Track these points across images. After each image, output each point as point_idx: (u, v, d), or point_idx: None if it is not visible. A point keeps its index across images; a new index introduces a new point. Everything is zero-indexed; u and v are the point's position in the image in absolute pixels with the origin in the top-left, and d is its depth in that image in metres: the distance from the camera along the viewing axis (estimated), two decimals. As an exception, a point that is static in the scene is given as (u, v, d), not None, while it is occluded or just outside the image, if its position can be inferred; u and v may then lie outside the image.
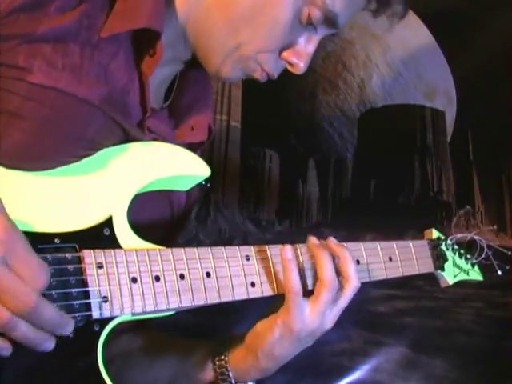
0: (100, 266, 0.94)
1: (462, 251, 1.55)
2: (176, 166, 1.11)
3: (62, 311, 0.86)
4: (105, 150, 1.04)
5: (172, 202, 1.28)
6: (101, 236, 0.98)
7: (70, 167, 1.00)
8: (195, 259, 1.03)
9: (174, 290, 1.00)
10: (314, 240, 1.16)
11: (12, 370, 0.85)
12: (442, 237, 1.53)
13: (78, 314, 0.91)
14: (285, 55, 1.18)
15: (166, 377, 1.24)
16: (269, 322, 1.12)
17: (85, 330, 0.92)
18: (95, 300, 0.92)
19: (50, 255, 0.90)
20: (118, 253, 0.96)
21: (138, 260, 0.97)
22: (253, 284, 1.11)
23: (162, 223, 1.25)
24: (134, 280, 0.96)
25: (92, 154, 1.03)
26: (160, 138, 1.16)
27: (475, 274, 1.59)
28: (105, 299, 0.93)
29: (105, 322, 0.95)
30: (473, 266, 1.58)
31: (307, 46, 1.18)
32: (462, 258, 1.55)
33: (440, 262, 1.48)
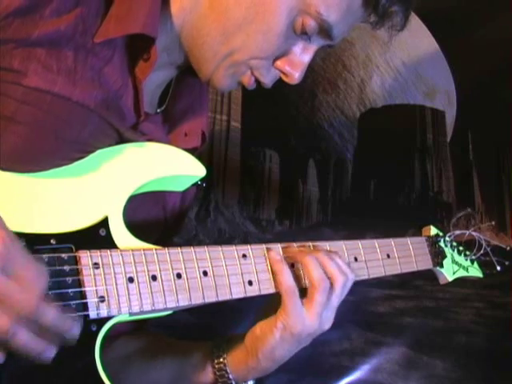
0: (96, 267, 0.93)
1: (460, 248, 1.54)
2: (172, 167, 1.10)
3: (67, 314, 0.85)
4: (100, 151, 1.04)
5: (165, 203, 1.28)
6: (97, 236, 0.97)
7: (65, 168, 1.00)
8: (192, 258, 1.03)
9: (171, 289, 1.00)
10: (293, 248, 1.16)
11: (9, 371, 0.85)
12: (441, 233, 1.53)
13: (75, 314, 0.91)
14: (278, 64, 1.16)
15: (165, 379, 1.24)
16: (268, 325, 1.12)
17: (82, 330, 0.91)
18: (92, 300, 0.92)
19: (45, 256, 0.89)
20: (114, 253, 0.96)
21: (134, 260, 0.97)
22: (250, 282, 1.10)
23: (156, 225, 1.25)
24: (130, 280, 0.96)
25: (86, 156, 1.03)
26: (154, 141, 1.15)
27: (475, 271, 1.58)
28: (102, 299, 0.93)
29: (102, 321, 0.94)
30: (472, 263, 1.57)
31: (302, 55, 1.16)
32: (460, 254, 1.54)
33: (439, 258, 1.48)
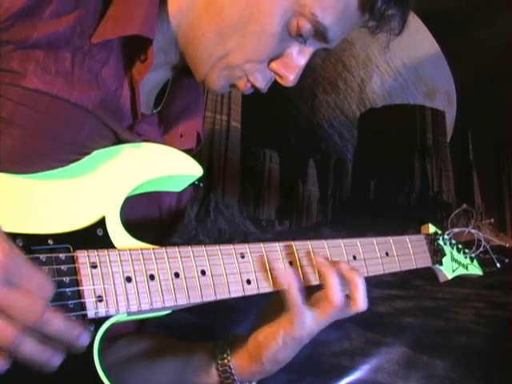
0: (94, 266, 0.93)
1: (459, 246, 1.54)
2: (168, 166, 1.10)
3: (75, 319, 0.85)
4: (97, 151, 1.04)
5: (161, 203, 1.28)
6: (94, 236, 0.97)
7: (62, 169, 1.00)
8: (189, 257, 1.03)
9: (169, 288, 1.00)
10: (321, 259, 1.16)
11: (7, 371, 0.84)
12: (439, 231, 1.53)
13: (73, 313, 0.90)
14: (273, 66, 1.15)
15: (167, 381, 1.23)
16: (271, 332, 1.13)
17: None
18: (90, 299, 0.92)
19: (43, 256, 0.89)
20: (111, 252, 0.96)
21: (131, 259, 0.97)
22: (248, 281, 1.10)
23: (152, 224, 1.25)
24: (128, 279, 0.96)
25: (82, 158, 1.03)
26: (150, 141, 1.15)
27: (474, 269, 1.57)
28: (99, 298, 0.93)
29: (100, 321, 0.94)
30: (472, 261, 1.56)
31: (298, 58, 1.15)
32: (460, 252, 1.53)
33: (438, 256, 1.47)
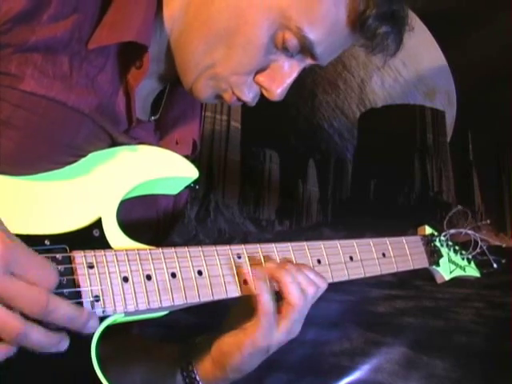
0: (91, 266, 0.94)
1: (456, 247, 1.55)
2: (164, 168, 1.11)
3: (80, 306, 0.85)
4: (93, 153, 1.05)
5: (158, 206, 1.28)
6: (90, 237, 0.98)
7: (58, 171, 1.01)
8: (186, 258, 1.04)
9: (166, 288, 1.00)
10: (270, 264, 1.13)
11: (4, 371, 0.85)
12: (436, 233, 1.53)
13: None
14: (260, 79, 1.13)
15: (140, 383, 1.24)
16: (235, 342, 1.11)
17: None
18: (87, 300, 0.92)
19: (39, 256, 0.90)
20: (108, 253, 0.96)
21: (128, 259, 0.97)
22: (245, 281, 1.11)
23: (149, 226, 1.26)
24: (125, 279, 0.96)
25: (78, 160, 1.03)
26: (145, 144, 1.16)
27: (472, 271, 1.58)
28: (96, 298, 0.93)
29: (97, 321, 0.95)
30: (469, 262, 1.57)
31: (285, 72, 1.13)
32: (457, 254, 1.54)
33: (435, 257, 1.48)
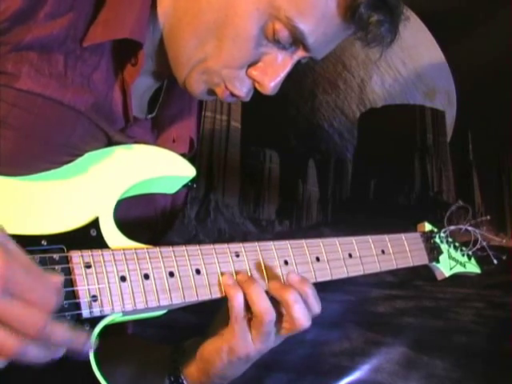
0: (88, 266, 0.94)
1: (456, 244, 1.54)
2: (161, 167, 1.11)
3: (78, 330, 0.84)
4: (89, 153, 1.05)
5: (156, 204, 1.27)
6: (88, 237, 0.98)
7: (55, 171, 1.01)
8: (184, 257, 1.03)
9: (163, 287, 1.00)
10: (241, 276, 1.10)
11: (2, 370, 0.84)
12: (435, 229, 1.53)
13: (68, 313, 0.91)
14: (252, 73, 1.12)
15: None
16: (215, 348, 1.11)
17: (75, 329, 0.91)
18: (84, 299, 0.92)
19: (37, 256, 0.89)
20: (105, 252, 0.96)
21: (125, 259, 0.97)
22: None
23: (148, 225, 1.25)
24: (122, 279, 0.96)
25: (74, 160, 1.03)
26: (142, 143, 1.15)
27: (472, 267, 1.58)
28: (94, 298, 0.93)
29: (95, 321, 0.95)
30: (469, 259, 1.57)
31: (278, 65, 1.11)
32: (457, 250, 1.54)
33: (434, 254, 1.48)
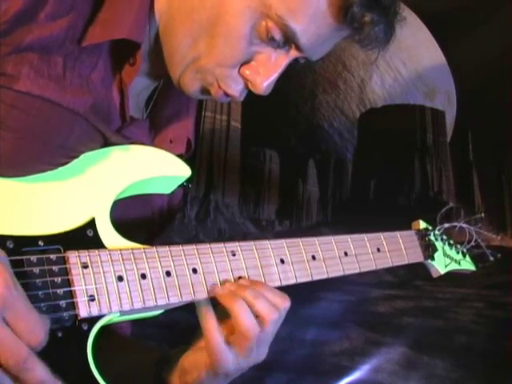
0: (85, 266, 0.94)
1: (451, 241, 1.55)
2: (156, 168, 1.11)
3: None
4: (85, 154, 1.05)
5: (153, 204, 1.28)
6: (84, 237, 0.98)
7: (51, 172, 1.01)
8: (180, 256, 1.04)
9: (160, 286, 1.00)
10: (221, 290, 1.06)
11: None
12: (430, 227, 1.54)
13: (65, 313, 0.91)
14: (244, 72, 1.11)
15: None
16: (195, 361, 1.10)
17: (73, 329, 0.92)
18: (82, 299, 0.93)
19: (33, 257, 0.90)
20: (102, 252, 0.96)
21: (122, 259, 0.98)
22: (240, 278, 1.10)
23: (145, 225, 1.26)
24: (120, 278, 0.97)
25: (71, 161, 1.03)
26: (138, 144, 1.16)
27: (467, 264, 1.58)
28: (91, 298, 0.94)
29: (93, 320, 0.95)
30: (464, 256, 1.57)
31: (271, 64, 1.11)
32: (452, 247, 1.55)
33: (429, 251, 1.49)
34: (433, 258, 1.50)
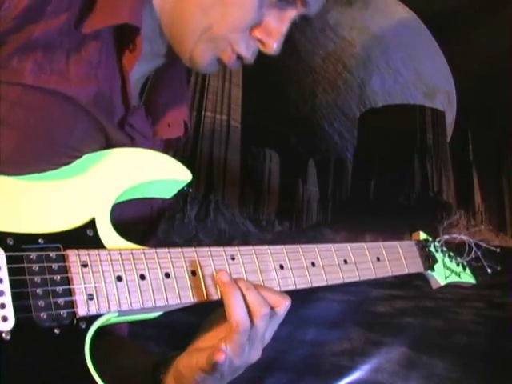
0: (84, 265, 0.93)
1: (451, 253, 1.54)
2: (158, 171, 1.11)
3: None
4: (87, 155, 1.05)
5: (152, 205, 1.28)
6: (84, 237, 0.97)
7: (53, 172, 1.01)
8: (180, 258, 1.03)
9: (159, 288, 1.00)
10: (223, 277, 1.06)
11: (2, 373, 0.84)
12: (430, 238, 1.53)
13: (63, 310, 0.91)
14: (256, 34, 1.15)
15: None
16: (189, 363, 1.08)
17: (71, 327, 0.91)
18: (80, 297, 0.92)
19: (33, 254, 0.90)
20: (101, 252, 0.96)
21: (122, 259, 0.97)
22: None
23: (142, 225, 1.26)
24: (119, 278, 0.96)
25: (73, 161, 1.03)
26: (140, 135, 1.16)
27: (467, 277, 1.57)
28: (90, 297, 0.93)
29: (91, 319, 0.94)
30: (464, 269, 1.57)
31: (279, 25, 1.16)
32: (452, 259, 1.54)
33: (429, 262, 1.48)
34: (433, 269, 1.49)
